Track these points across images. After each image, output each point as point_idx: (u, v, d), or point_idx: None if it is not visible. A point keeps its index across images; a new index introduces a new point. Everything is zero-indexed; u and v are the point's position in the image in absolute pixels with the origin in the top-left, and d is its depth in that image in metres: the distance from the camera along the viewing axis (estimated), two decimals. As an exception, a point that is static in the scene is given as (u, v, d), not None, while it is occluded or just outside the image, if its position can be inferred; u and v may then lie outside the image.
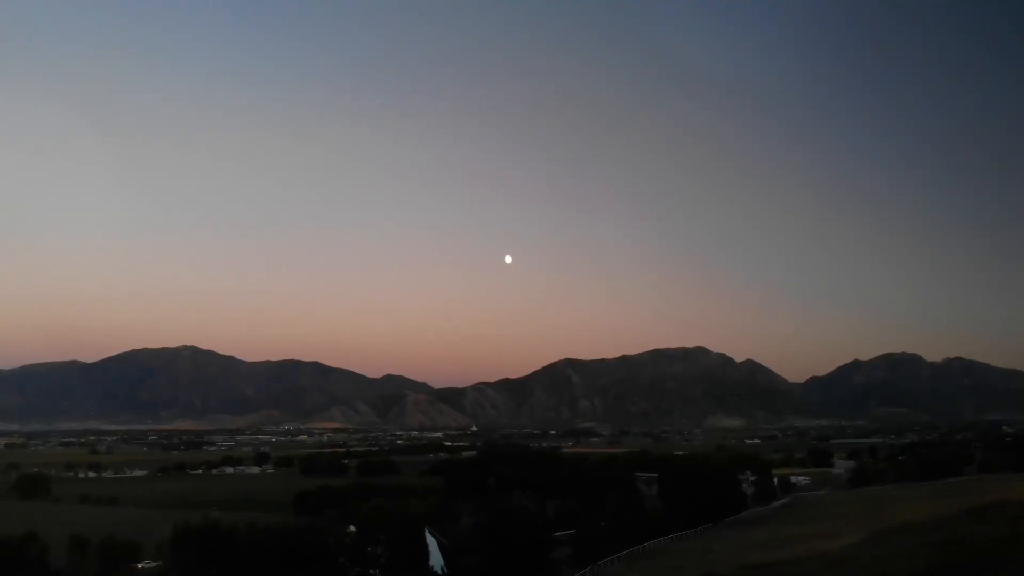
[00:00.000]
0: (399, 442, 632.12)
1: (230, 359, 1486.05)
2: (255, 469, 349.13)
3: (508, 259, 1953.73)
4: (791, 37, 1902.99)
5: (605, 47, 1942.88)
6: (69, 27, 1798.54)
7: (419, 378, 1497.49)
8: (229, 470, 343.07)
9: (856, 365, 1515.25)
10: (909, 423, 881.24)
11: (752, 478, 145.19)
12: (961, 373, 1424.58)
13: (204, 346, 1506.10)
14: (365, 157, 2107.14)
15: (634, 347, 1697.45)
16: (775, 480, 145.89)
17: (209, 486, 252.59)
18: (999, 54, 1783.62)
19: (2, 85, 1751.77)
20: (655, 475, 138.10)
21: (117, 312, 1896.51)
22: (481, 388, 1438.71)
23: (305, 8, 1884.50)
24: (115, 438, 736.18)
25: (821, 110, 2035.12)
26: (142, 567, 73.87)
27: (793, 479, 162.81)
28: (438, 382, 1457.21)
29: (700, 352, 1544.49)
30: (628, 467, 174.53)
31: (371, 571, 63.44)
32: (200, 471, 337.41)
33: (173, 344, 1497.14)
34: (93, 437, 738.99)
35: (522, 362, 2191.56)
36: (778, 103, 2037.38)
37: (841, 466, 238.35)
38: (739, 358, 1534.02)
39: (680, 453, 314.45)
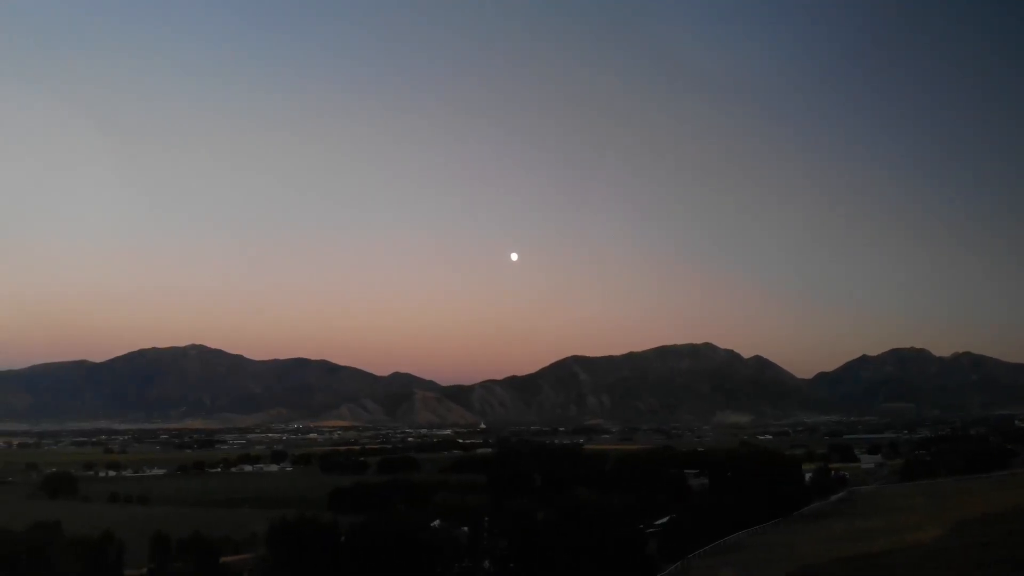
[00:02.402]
0: (410, 439, 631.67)
1: (238, 358, 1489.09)
2: (273, 467, 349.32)
3: (514, 256, 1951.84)
4: (798, 33, 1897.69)
5: (611, 45, 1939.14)
6: (69, 28, 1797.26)
7: (426, 376, 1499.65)
8: (248, 468, 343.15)
9: (864, 360, 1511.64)
10: (918, 418, 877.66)
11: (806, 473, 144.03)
12: (969, 368, 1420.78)
13: (212, 345, 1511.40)
14: (370, 156, 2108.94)
15: (641, 344, 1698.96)
16: (831, 474, 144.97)
17: (233, 484, 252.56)
18: (1005, 45, 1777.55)
19: (5, 85, 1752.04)
20: (695, 470, 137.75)
21: (125, 312, 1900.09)
22: (488, 386, 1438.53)
23: (305, 8, 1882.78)
24: (126, 437, 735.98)
25: (825, 105, 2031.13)
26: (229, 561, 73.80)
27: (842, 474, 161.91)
28: (445, 380, 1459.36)
29: (707, 348, 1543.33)
30: (661, 462, 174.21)
31: (484, 564, 63.11)
32: (219, 469, 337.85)
33: (181, 343, 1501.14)
34: (104, 436, 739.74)
35: (529, 359, 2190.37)
36: (782, 99, 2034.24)
37: (870, 461, 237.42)
38: (747, 354, 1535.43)
39: (700, 449, 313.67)
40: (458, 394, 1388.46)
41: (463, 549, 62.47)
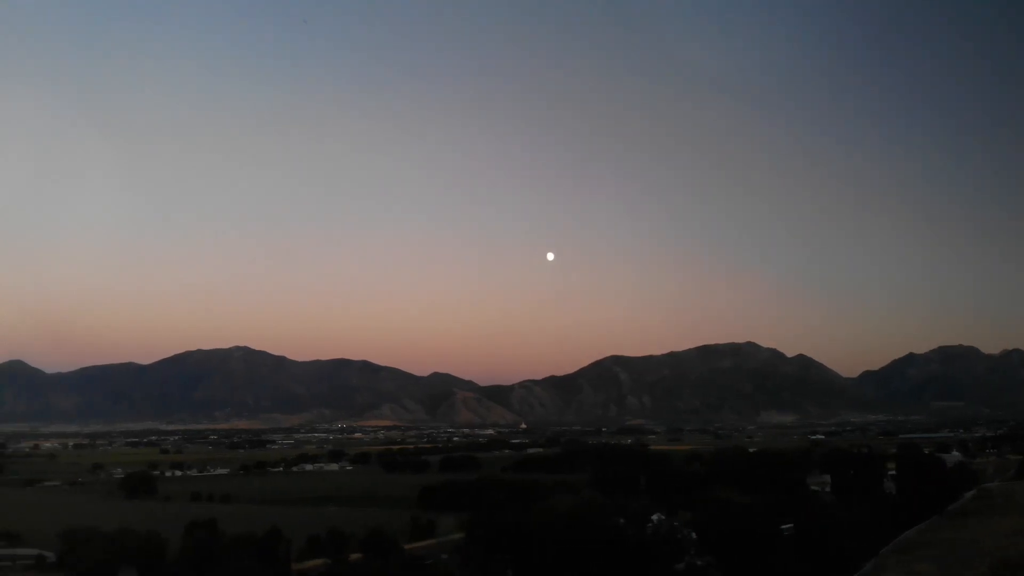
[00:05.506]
0: (455, 439, 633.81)
1: (281, 359, 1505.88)
2: (333, 466, 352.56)
3: (551, 256, 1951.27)
4: (824, 27, 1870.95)
5: (649, 46, 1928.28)
6: (70, 27, 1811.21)
7: (465, 376, 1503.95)
8: (308, 467, 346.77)
9: (911, 358, 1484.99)
10: (967, 417, 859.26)
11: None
12: (1019, 365, 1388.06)
13: (256, 347, 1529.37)
14: (409, 158, 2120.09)
15: (682, 343, 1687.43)
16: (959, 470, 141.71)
17: (302, 483, 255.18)
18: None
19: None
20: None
21: (171, 315, 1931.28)
22: (528, 385, 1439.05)
23: (319, 5, 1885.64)
24: (176, 437, 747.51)
25: (868, 101, 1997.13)
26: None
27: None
28: (484, 380, 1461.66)
29: (750, 347, 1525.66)
30: (766, 462, 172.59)
31: (710, 559, 62.97)
32: (280, 468, 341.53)
33: (226, 345, 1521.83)
34: (155, 437, 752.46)
35: (568, 359, 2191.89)
36: (824, 96, 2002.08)
37: (949, 459, 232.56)
38: (790, 353, 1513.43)
39: (751, 450, 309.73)
40: (497, 394, 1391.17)
41: (687, 546, 62.41)
